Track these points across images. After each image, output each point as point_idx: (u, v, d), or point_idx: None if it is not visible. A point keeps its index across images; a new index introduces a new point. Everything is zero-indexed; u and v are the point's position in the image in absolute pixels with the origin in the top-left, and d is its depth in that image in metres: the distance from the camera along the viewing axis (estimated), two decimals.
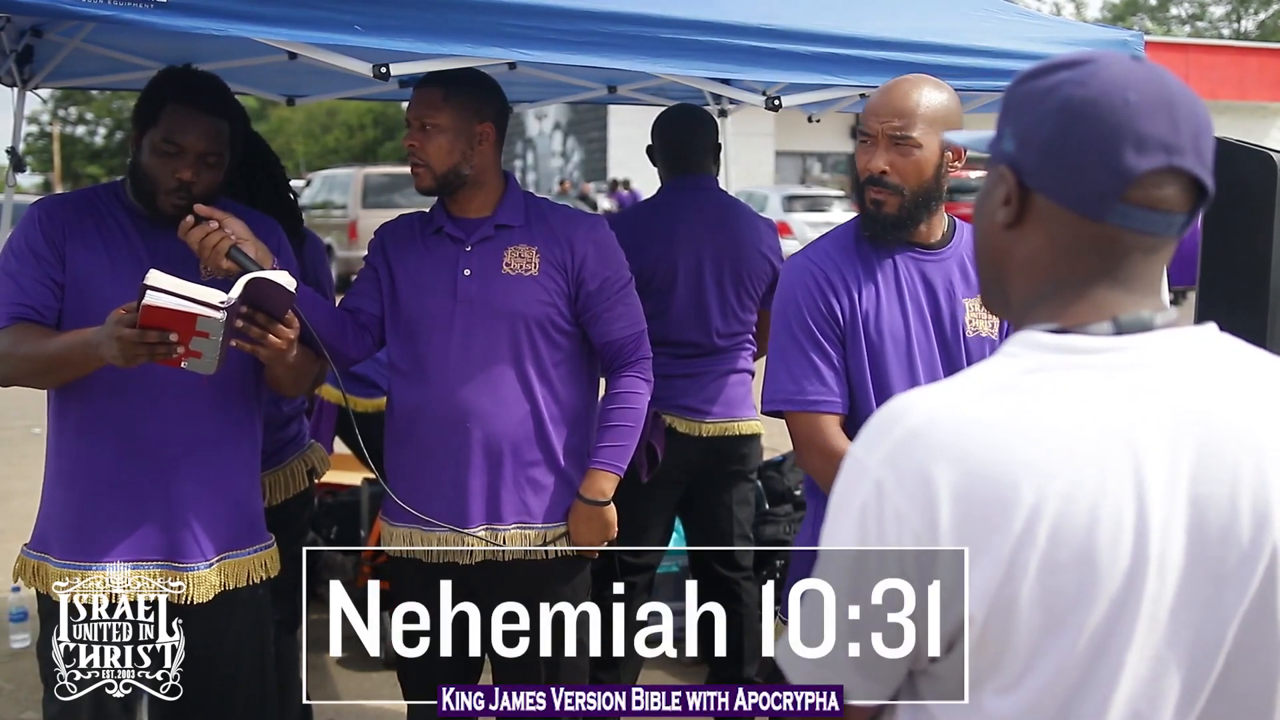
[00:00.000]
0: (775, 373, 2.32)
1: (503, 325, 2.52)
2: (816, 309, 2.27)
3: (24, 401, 2.10)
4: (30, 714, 3.85)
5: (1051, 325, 1.11)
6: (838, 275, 2.29)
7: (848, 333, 2.27)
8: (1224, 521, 1.06)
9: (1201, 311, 2.84)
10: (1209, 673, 1.08)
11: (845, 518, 1.09)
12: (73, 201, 2.45)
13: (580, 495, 2.58)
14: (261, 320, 2.24)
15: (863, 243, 2.32)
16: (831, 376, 2.26)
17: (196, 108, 2.33)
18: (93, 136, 50.40)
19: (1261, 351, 1.16)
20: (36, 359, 2.29)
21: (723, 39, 2.46)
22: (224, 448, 2.43)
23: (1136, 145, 1.05)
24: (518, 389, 2.53)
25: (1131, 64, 1.09)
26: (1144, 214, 1.07)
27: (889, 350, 2.27)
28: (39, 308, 2.33)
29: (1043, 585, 1.03)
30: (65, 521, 2.38)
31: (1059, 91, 1.09)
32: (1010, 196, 1.12)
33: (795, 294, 2.31)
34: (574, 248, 2.56)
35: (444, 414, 2.51)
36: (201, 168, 2.33)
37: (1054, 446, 1.03)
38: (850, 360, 2.27)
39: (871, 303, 2.28)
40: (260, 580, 2.50)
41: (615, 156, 26.65)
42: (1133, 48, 2.90)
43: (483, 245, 2.54)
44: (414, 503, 2.54)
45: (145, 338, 2.08)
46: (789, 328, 2.30)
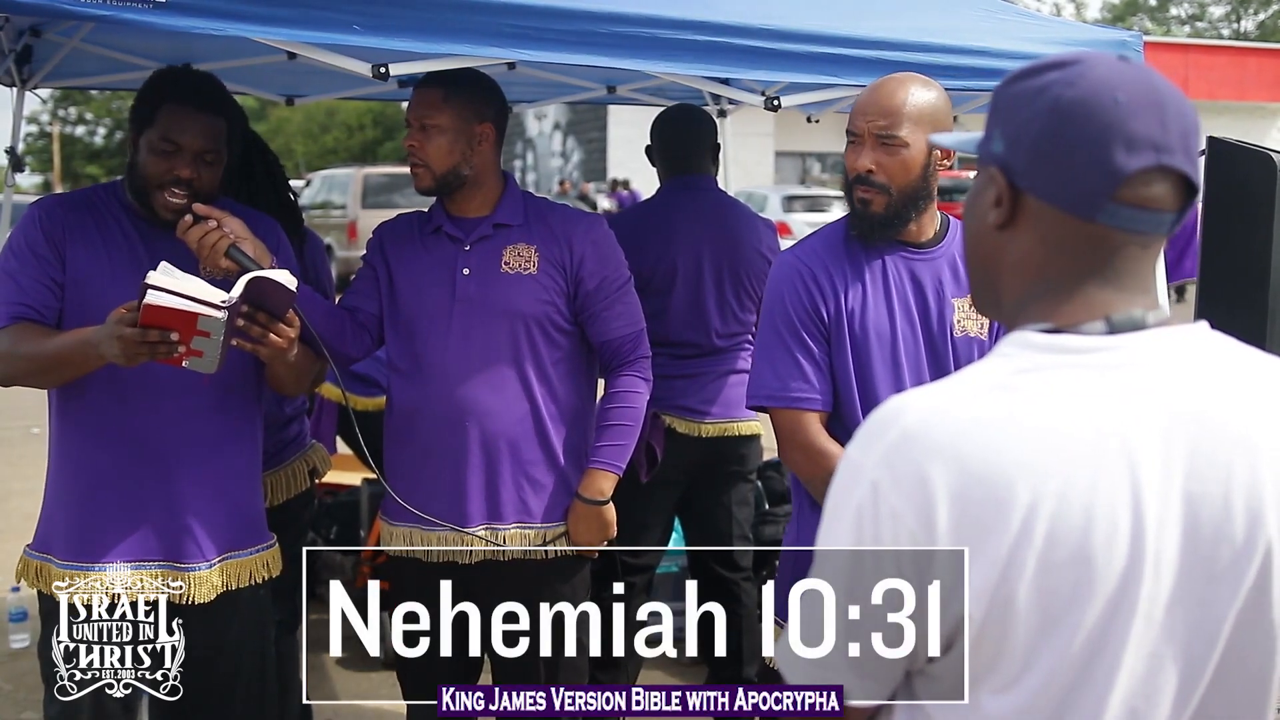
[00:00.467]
0: (760, 369, 2.33)
1: (502, 324, 2.52)
2: (802, 306, 2.27)
3: (23, 402, 2.09)
4: (30, 714, 3.85)
5: (1044, 325, 1.11)
6: (824, 273, 2.28)
7: (833, 330, 2.27)
8: (1218, 519, 1.06)
9: (1201, 311, 2.84)
10: (1204, 669, 1.08)
11: (842, 519, 1.09)
12: (72, 201, 2.45)
13: (579, 495, 2.58)
14: (262, 319, 2.24)
15: (852, 241, 2.31)
16: (815, 374, 2.26)
17: (193, 106, 2.34)
18: (92, 136, 50.44)
19: (1254, 350, 1.16)
20: (37, 358, 2.29)
21: (722, 39, 2.46)
22: (225, 448, 2.43)
23: (1126, 145, 1.06)
24: (517, 388, 2.53)
25: (1120, 64, 1.10)
26: (1134, 213, 1.08)
27: (874, 349, 2.26)
28: (39, 307, 2.33)
29: (1039, 584, 1.03)
30: (67, 522, 2.38)
31: (1048, 92, 1.09)
32: (1001, 197, 1.13)
33: (781, 291, 2.31)
34: (573, 246, 2.56)
35: (443, 413, 2.51)
36: (200, 166, 2.34)
37: (1049, 446, 1.04)
38: (835, 358, 2.27)
39: (858, 301, 2.27)
40: (262, 581, 2.50)
41: (615, 157, 26.65)
42: (1132, 48, 2.90)
43: (481, 244, 2.54)
44: (414, 502, 2.54)
45: (146, 337, 2.09)
46: (774, 324, 2.30)
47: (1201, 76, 24.99)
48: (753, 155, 25.03)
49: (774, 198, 19.95)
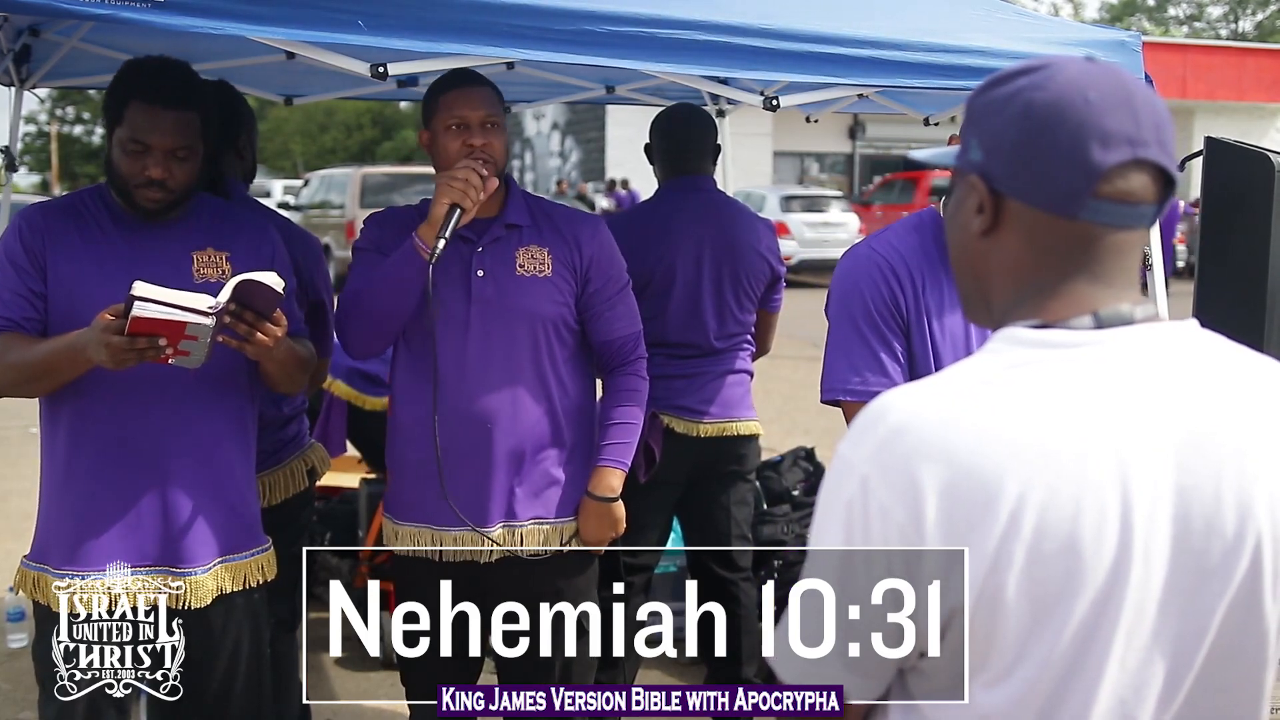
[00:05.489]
0: (835, 362, 2.29)
1: (521, 326, 2.52)
2: (881, 298, 2.25)
3: (19, 402, 2.09)
4: (28, 714, 3.85)
5: (1032, 321, 1.12)
6: (903, 267, 2.26)
7: (912, 325, 2.24)
8: (1208, 513, 1.07)
9: (1199, 311, 2.84)
10: (1193, 662, 1.09)
11: (833, 514, 1.10)
12: (55, 209, 2.43)
13: (590, 493, 2.60)
14: (249, 318, 2.23)
15: (927, 239, 2.29)
16: (894, 368, 2.23)
17: (160, 104, 2.30)
18: (90, 136, 50.37)
19: (1242, 346, 1.18)
20: (23, 366, 2.28)
21: (720, 38, 2.46)
22: (219, 451, 2.42)
23: (1101, 141, 1.08)
24: (535, 388, 2.54)
25: (1087, 64, 1.12)
26: (1115, 207, 1.10)
27: (948, 348, 2.24)
28: (19, 320, 2.32)
29: (1029, 576, 1.04)
30: (62, 529, 2.37)
31: (1020, 97, 1.11)
32: (983, 204, 1.15)
33: (859, 283, 2.27)
34: (582, 248, 2.58)
35: (463, 414, 2.50)
36: (171, 163, 2.31)
37: (1037, 440, 1.05)
38: (916, 354, 2.24)
39: (935, 298, 2.25)
40: (257, 584, 2.49)
41: (613, 157, 26.65)
42: (1131, 48, 2.90)
43: (494, 246, 2.54)
44: (427, 502, 2.54)
45: (134, 345, 2.10)
46: (850, 316, 2.26)
47: (1200, 77, 25.00)
48: (751, 155, 25.04)
49: (772, 198, 19.96)
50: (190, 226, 2.43)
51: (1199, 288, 2.92)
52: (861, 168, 29.77)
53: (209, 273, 2.40)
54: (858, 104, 3.58)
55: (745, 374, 3.55)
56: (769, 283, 3.55)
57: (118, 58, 3.53)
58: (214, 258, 2.43)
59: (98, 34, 3.15)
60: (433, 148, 2.53)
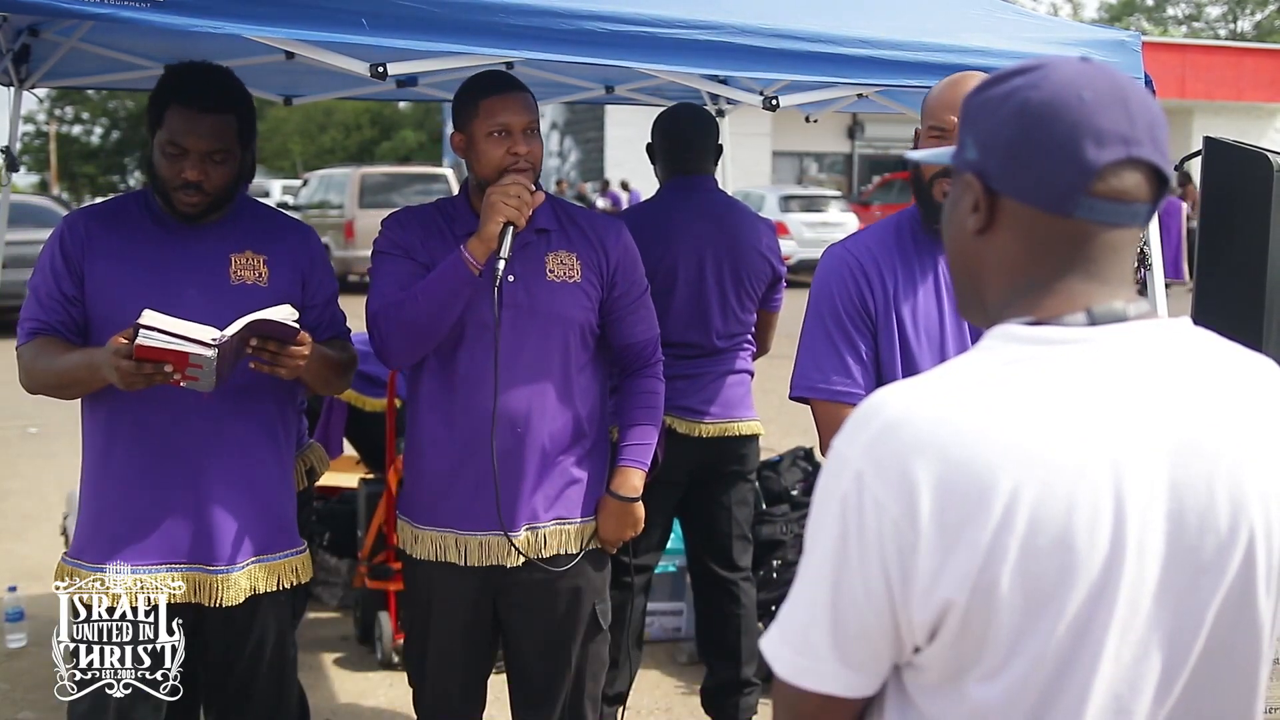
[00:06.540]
0: (804, 360, 2.32)
1: (553, 330, 2.51)
2: (849, 298, 2.28)
3: (18, 402, 2.08)
4: (27, 713, 3.85)
5: (1027, 319, 1.13)
6: (873, 266, 2.28)
7: (880, 324, 2.27)
8: (1201, 508, 1.08)
9: (1198, 311, 2.83)
10: (1187, 657, 1.10)
11: (827, 508, 1.10)
12: (97, 213, 2.50)
13: (612, 492, 2.60)
14: (273, 347, 2.28)
15: (905, 238, 2.32)
16: (857, 368, 2.26)
17: (197, 108, 2.35)
18: (89, 136, 50.37)
19: (1235, 343, 1.19)
20: (50, 374, 2.37)
21: (720, 38, 2.46)
22: (255, 450, 2.46)
23: (1095, 139, 1.09)
24: (562, 392, 2.53)
25: (1081, 64, 1.13)
26: (1109, 205, 1.10)
27: (923, 345, 2.26)
28: (54, 324, 2.39)
29: (1023, 570, 1.04)
30: (98, 526, 2.41)
31: (1015, 96, 1.12)
32: (979, 203, 1.16)
33: (829, 283, 2.31)
34: (608, 253, 2.58)
35: (491, 418, 2.45)
36: (208, 166, 2.36)
37: (1031, 435, 1.05)
38: (883, 353, 2.27)
39: (908, 296, 2.27)
40: (290, 585, 2.51)
41: (612, 157, 26.65)
42: (1130, 48, 2.90)
43: (524, 251, 2.49)
44: (449, 506, 2.52)
45: (141, 370, 2.15)
46: (820, 316, 2.30)
47: (1198, 77, 25.01)
48: (750, 155, 25.05)
49: (771, 197, 19.97)
50: (230, 229, 2.47)
51: (1198, 287, 2.92)
52: (860, 168, 29.80)
53: (246, 275, 2.44)
54: (857, 104, 3.57)
55: (746, 374, 3.55)
56: (770, 282, 3.55)
57: (117, 58, 3.54)
58: (252, 260, 2.46)
59: (97, 34, 3.15)
60: (470, 152, 2.49)
